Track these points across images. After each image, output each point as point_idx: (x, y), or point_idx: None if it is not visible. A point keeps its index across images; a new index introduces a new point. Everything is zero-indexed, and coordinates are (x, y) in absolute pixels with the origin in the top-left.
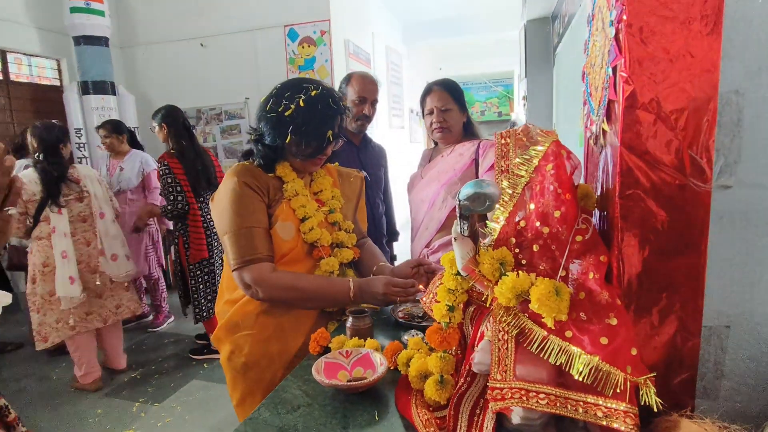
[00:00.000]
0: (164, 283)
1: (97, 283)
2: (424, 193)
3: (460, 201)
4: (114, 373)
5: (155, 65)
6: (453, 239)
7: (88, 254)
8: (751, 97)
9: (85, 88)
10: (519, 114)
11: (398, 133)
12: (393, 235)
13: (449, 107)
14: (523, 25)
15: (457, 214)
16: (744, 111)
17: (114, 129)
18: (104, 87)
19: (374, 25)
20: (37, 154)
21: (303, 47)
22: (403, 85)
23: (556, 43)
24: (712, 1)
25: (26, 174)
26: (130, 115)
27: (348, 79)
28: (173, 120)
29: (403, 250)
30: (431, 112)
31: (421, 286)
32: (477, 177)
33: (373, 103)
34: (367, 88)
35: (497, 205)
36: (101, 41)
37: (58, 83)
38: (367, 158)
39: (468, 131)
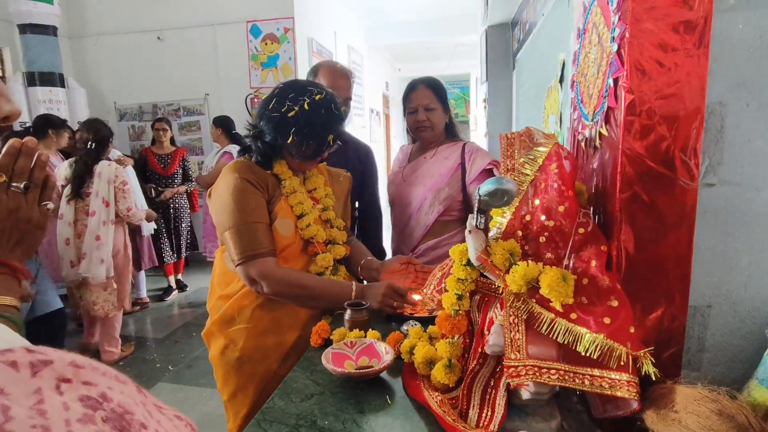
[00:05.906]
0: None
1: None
2: (408, 195)
3: (480, 196)
4: None
5: (108, 57)
6: (467, 232)
7: (77, 246)
8: (732, 107)
9: (31, 80)
10: (478, 116)
11: (359, 133)
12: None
13: (433, 106)
14: (485, 30)
15: (475, 209)
16: (726, 120)
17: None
18: (52, 79)
19: (336, 24)
20: (90, 144)
21: (266, 44)
22: (364, 84)
23: (516, 49)
24: (702, 24)
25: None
26: (81, 108)
27: (315, 71)
28: None
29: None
30: (415, 111)
31: (415, 296)
32: (464, 181)
33: (346, 100)
34: (337, 84)
35: None
36: (49, 30)
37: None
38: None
39: (450, 132)
